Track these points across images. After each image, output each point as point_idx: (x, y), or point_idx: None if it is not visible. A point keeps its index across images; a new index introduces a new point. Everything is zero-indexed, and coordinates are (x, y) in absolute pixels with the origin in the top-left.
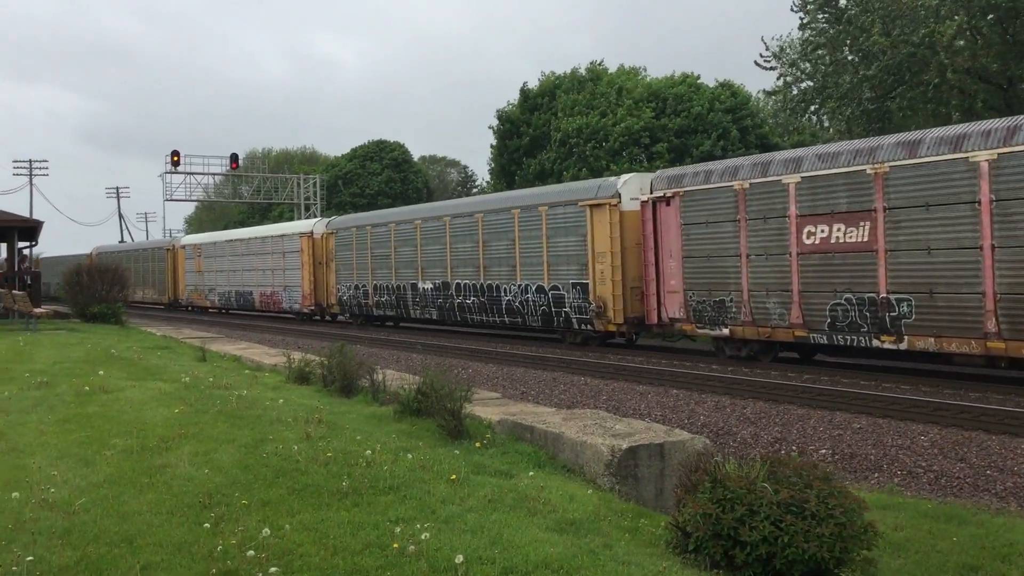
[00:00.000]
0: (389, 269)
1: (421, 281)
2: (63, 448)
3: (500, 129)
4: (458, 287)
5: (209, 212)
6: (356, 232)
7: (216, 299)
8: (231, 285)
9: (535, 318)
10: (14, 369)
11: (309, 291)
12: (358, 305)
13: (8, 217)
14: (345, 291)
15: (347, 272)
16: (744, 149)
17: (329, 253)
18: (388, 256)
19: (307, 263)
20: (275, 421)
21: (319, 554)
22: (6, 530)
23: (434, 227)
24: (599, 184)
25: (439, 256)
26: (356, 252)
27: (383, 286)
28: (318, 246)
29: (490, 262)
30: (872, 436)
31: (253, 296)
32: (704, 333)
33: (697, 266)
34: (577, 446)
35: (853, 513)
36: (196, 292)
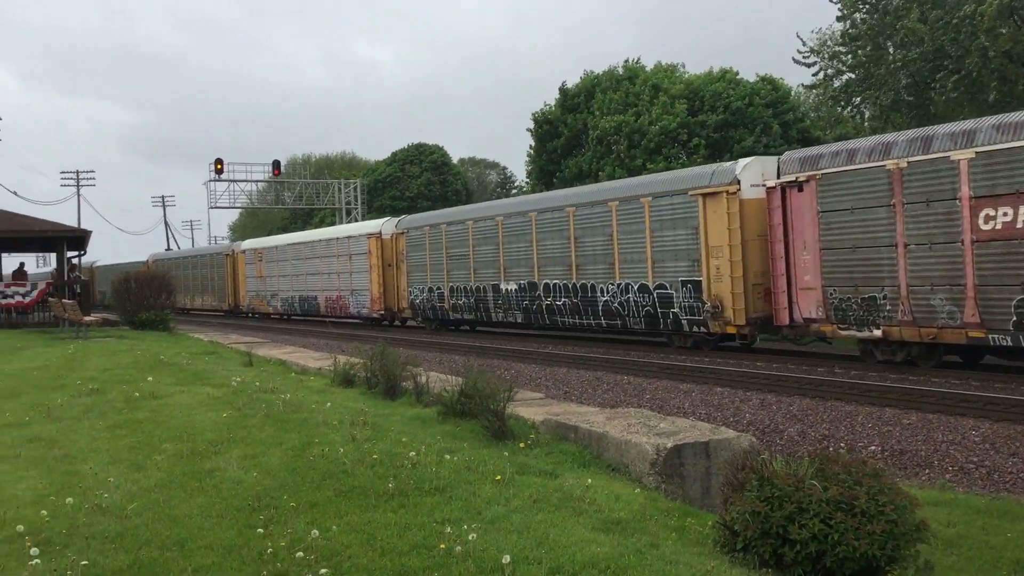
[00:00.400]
0: (467, 270)
1: (504, 282)
2: (115, 453)
3: (538, 131)
4: (547, 288)
5: (253, 218)
6: (429, 231)
7: (279, 305)
8: (294, 290)
9: (637, 320)
10: (66, 376)
11: (378, 295)
12: (432, 309)
13: (57, 227)
14: (418, 294)
15: (419, 274)
16: (786, 144)
17: (399, 254)
18: (466, 256)
19: (375, 265)
20: (321, 424)
21: (367, 555)
22: (61, 535)
23: (518, 223)
24: (713, 170)
25: (524, 254)
26: (430, 252)
27: (460, 288)
28: (387, 247)
29: (584, 260)
30: (922, 432)
31: (318, 301)
32: (848, 335)
33: (839, 259)
34: (621, 445)
35: (904, 510)
36: (257, 298)
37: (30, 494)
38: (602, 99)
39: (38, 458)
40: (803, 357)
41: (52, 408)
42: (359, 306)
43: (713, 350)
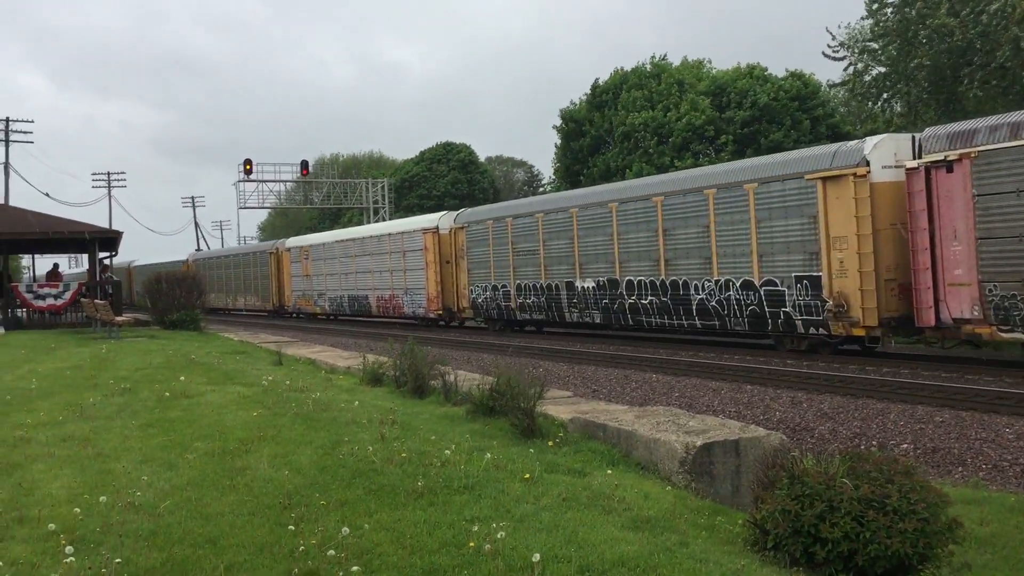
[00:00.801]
0: (536, 266)
1: (579, 279)
2: (147, 452)
3: (564, 129)
4: (630, 285)
5: (282, 218)
6: (493, 225)
7: (326, 305)
8: (343, 289)
9: (739, 320)
10: (98, 376)
11: (435, 293)
12: (497, 308)
13: (88, 228)
14: (480, 293)
15: (482, 271)
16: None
17: (459, 250)
18: (535, 251)
19: (432, 262)
20: (350, 423)
21: (397, 553)
22: (95, 533)
23: (596, 215)
24: (834, 150)
25: (603, 249)
26: (493, 248)
27: (529, 286)
28: (445, 243)
29: (675, 254)
30: (955, 429)
31: (369, 300)
32: (1012, 338)
33: (1002, 250)
34: (651, 443)
35: (937, 508)
36: (304, 298)
37: (64, 492)
38: (627, 97)
39: (72, 457)
40: (833, 355)
41: (85, 407)
42: (414, 306)
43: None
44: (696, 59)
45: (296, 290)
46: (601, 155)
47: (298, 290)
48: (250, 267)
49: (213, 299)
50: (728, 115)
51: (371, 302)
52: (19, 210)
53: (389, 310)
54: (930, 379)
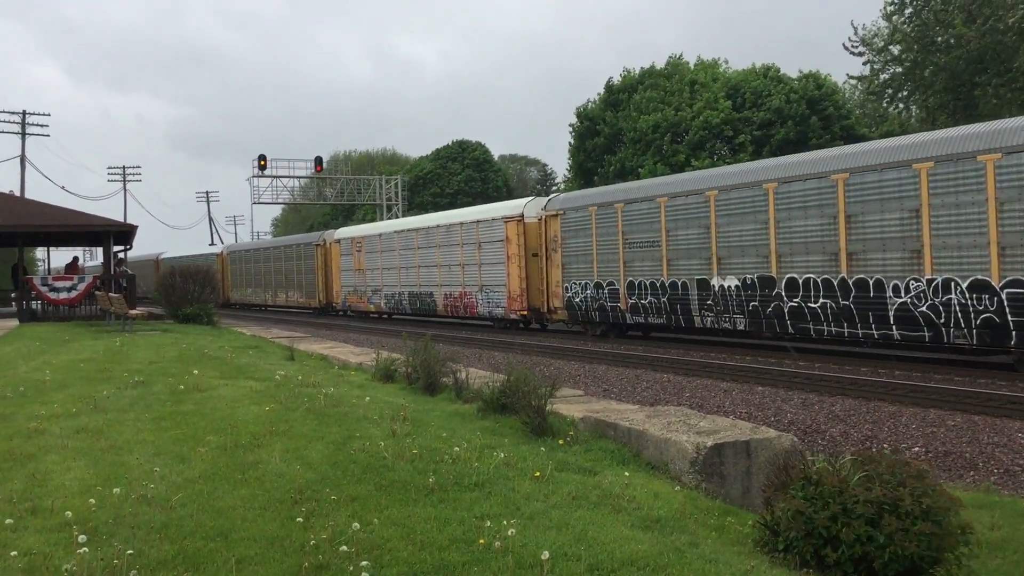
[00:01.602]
0: (655, 260)
1: (717, 276)
2: (159, 445)
3: (579, 127)
4: (792, 284)
5: (295, 214)
6: (597, 212)
7: (382, 302)
8: (403, 285)
9: (965, 332)
10: (112, 369)
11: (519, 291)
12: (600, 310)
13: (103, 222)
14: (578, 291)
15: (581, 266)
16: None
17: (551, 241)
18: (654, 242)
19: (516, 255)
20: (362, 419)
21: (407, 549)
22: (107, 524)
23: (743, 198)
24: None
25: (753, 239)
26: (598, 238)
27: (644, 284)
28: (532, 233)
29: (862, 246)
30: (967, 433)
31: (434, 298)
32: None
33: None
34: (661, 443)
35: (948, 512)
36: (355, 294)
37: (77, 484)
38: (640, 98)
39: (85, 449)
40: (845, 357)
41: (99, 400)
42: (491, 305)
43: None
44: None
45: (347, 286)
46: (615, 154)
47: (349, 286)
48: (292, 260)
49: (250, 295)
50: (745, 115)
51: (437, 300)
52: (35, 203)
53: (459, 309)
54: (942, 383)
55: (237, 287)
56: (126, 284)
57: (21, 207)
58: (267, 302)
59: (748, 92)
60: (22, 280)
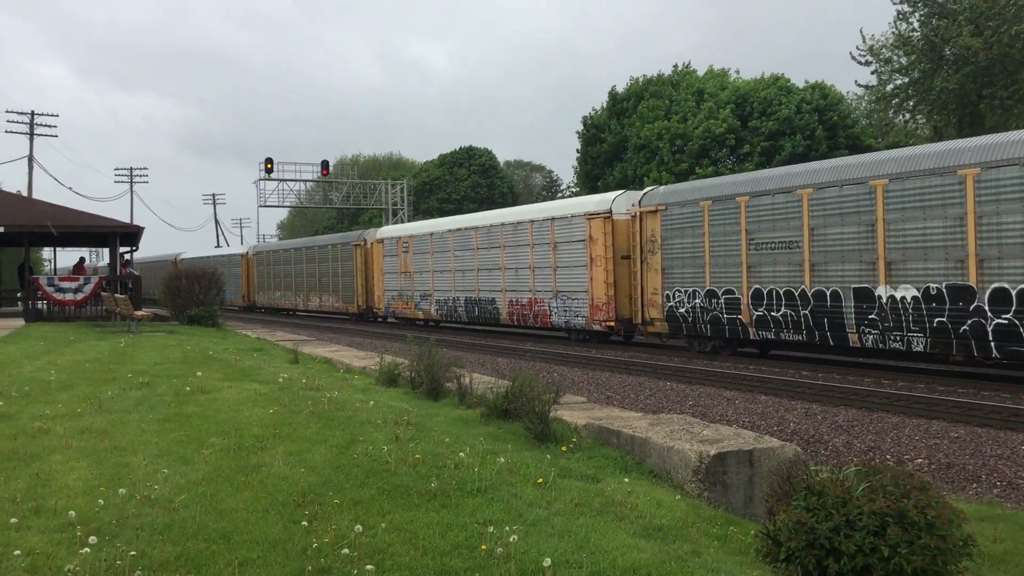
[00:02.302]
0: (794, 264)
1: (884, 285)
2: (163, 446)
3: (585, 135)
4: (1001, 296)
5: (301, 217)
6: (712, 207)
7: (432, 308)
8: (459, 290)
9: None
10: (117, 370)
11: (605, 299)
12: (713, 322)
13: (110, 223)
14: (682, 300)
15: (688, 271)
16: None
17: (648, 242)
18: (792, 243)
19: (602, 257)
20: (365, 423)
21: (409, 554)
22: (111, 525)
23: (926, 189)
24: None
25: (941, 239)
26: (712, 238)
27: (775, 293)
28: (621, 231)
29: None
30: (970, 446)
31: (496, 305)
32: None
33: None
34: (664, 451)
35: (952, 524)
36: (401, 299)
37: (81, 484)
38: (645, 107)
39: (89, 449)
40: (849, 368)
41: (103, 400)
42: (569, 314)
43: None
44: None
45: (391, 289)
46: (619, 163)
47: (393, 289)
48: (327, 261)
49: (278, 298)
50: (753, 124)
51: (500, 307)
52: (42, 203)
53: (528, 318)
54: (946, 394)
55: (264, 290)
56: (132, 285)
57: (28, 207)
58: (297, 306)
59: (756, 102)
60: (28, 280)
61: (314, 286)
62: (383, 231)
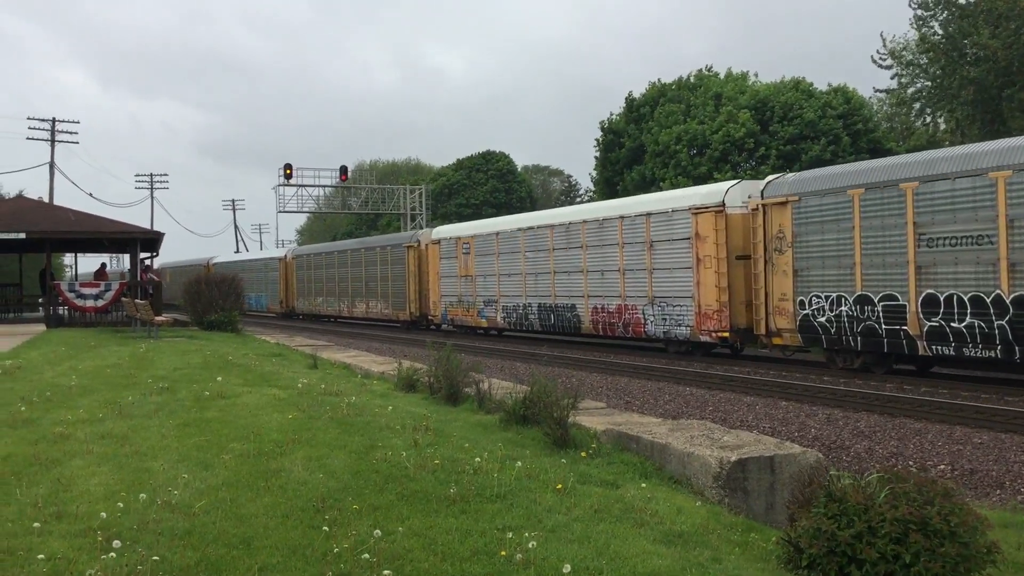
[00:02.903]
0: (986, 265)
1: None
2: (183, 452)
3: (603, 140)
4: None
5: (319, 223)
6: (865, 196)
7: (499, 316)
8: (531, 295)
9: None
10: (137, 375)
11: (716, 305)
12: (867, 334)
13: (131, 229)
14: (822, 307)
15: (831, 272)
16: (855, 154)
17: (774, 239)
18: (983, 238)
19: (712, 258)
20: (384, 428)
21: (428, 559)
22: (131, 530)
23: None
24: None
25: None
26: (865, 233)
27: (960, 299)
28: (736, 227)
29: None
30: (994, 452)
31: (577, 312)
32: None
33: None
34: (684, 457)
35: (975, 531)
36: (460, 306)
37: (102, 489)
38: (663, 111)
39: (110, 454)
40: (872, 373)
41: (124, 406)
42: (670, 323)
43: None
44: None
45: (448, 295)
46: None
47: (451, 295)
48: (375, 265)
49: (320, 304)
50: (773, 129)
51: (581, 315)
52: (63, 209)
53: (615, 328)
54: (969, 400)
55: (304, 296)
56: (152, 291)
57: (49, 213)
58: (341, 313)
59: (777, 106)
60: (50, 285)
61: (360, 291)
62: (440, 231)
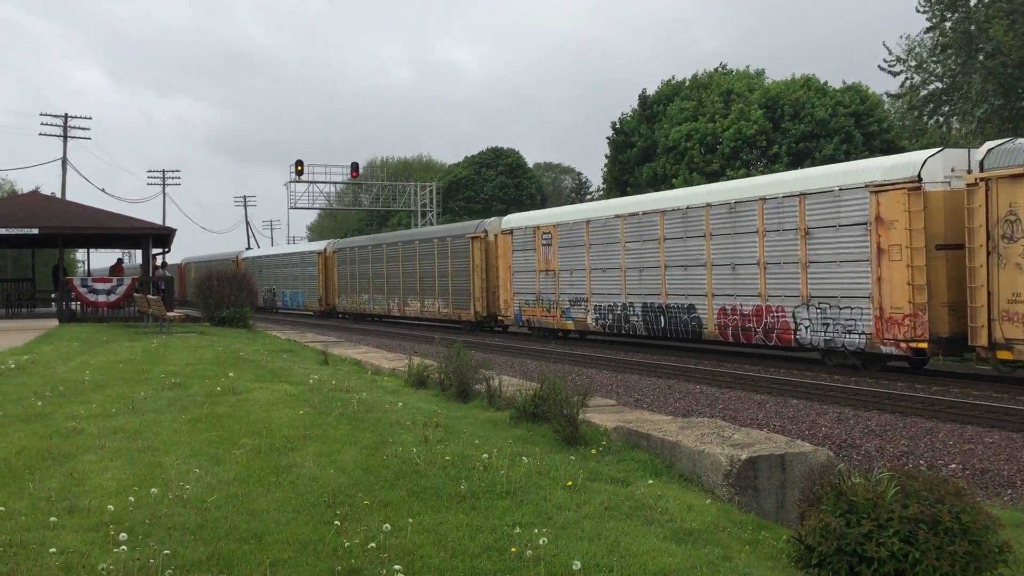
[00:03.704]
0: None
1: None
2: (195, 447)
3: (615, 139)
4: None
5: (331, 219)
6: None
7: (589, 317)
8: (633, 293)
9: None
10: (149, 371)
11: (909, 309)
12: None
13: (143, 225)
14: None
15: None
16: (868, 153)
17: (1003, 223)
18: None
19: (902, 248)
20: (394, 424)
21: (439, 555)
22: (143, 525)
23: None
24: None
25: None
26: None
27: None
28: (937, 210)
29: None
30: (1005, 451)
31: (697, 314)
32: None
33: None
34: (695, 455)
35: (987, 530)
36: (539, 304)
37: (114, 484)
38: (675, 107)
39: (122, 449)
40: (881, 372)
41: (136, 401)
42: (835, 329)
43: None
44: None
45: (523, 292)
46: (648, 164)
47: (527, 292)
48: (431, 258)
49: (366, 303)
50: (784, 126)
51: (703, 318)
52: (76, 205)
53: (753, 333)
54: (981, 399)
55: (347, 293)
56: (164, 287)
57: (62, 209)
58: (390, 311)
59: (787, 104)
60: (62, 281)
61: (414, 288)
62: (512, 219)
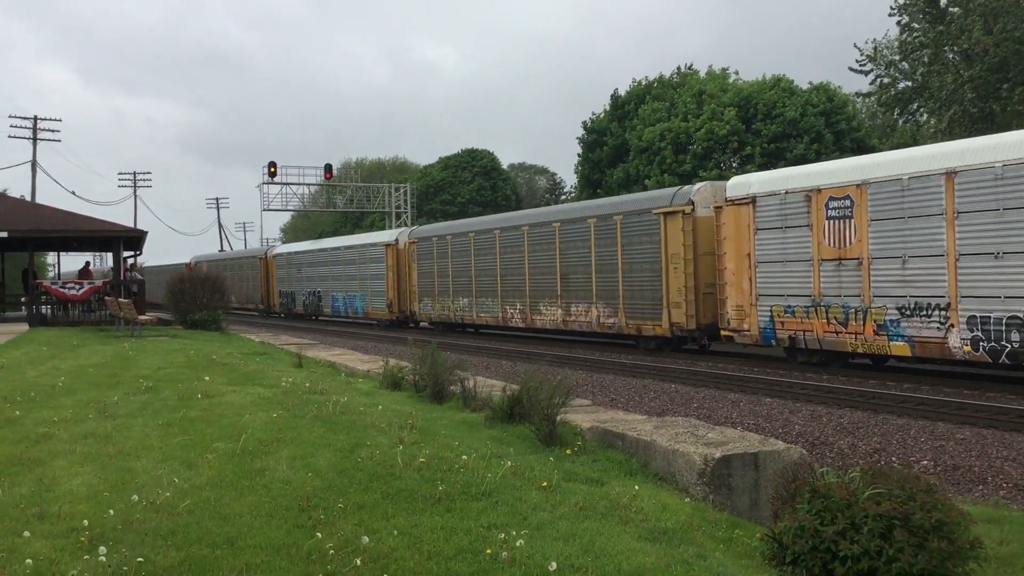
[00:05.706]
0: None
1: None
2: (167, 451)
3: (586, 139)
4: None
5: (304, 221)
6: None
7: (956, 338)
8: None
9: None
10: (120, 375)
11: None
12: None
13: (113, 228)
14: None
15: None
16: (839, 152)
17: None
18: None
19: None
20: (369, 426)
21: (414, 558)
22: (115, 531)
23: None
24: None
25: None
26: None
27: None
28: None
29: None
30: (976, 447)
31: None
32: None
33: None
34: (669, 454)
35: (958, 526)
36: (816, 315)
37: (85, 489)
38: (646, 108)
39: (93, 454)
40: (854, 370)
41: (107, 405)
42: None
43: None
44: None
45: (776, 293)
46: (620, 165)
47: (786, 293)
48: (577, 246)
49: (463, 308)
50: (756, 127)
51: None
52: (46, 208)
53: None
54: (952, 396)
55: (432, 295)
56: (136, 290)
57: (32, 212)
58: (508, 320)
59: (760, 104)
60: (32, 284)
61: (549, 289)
62: (752, 180)
